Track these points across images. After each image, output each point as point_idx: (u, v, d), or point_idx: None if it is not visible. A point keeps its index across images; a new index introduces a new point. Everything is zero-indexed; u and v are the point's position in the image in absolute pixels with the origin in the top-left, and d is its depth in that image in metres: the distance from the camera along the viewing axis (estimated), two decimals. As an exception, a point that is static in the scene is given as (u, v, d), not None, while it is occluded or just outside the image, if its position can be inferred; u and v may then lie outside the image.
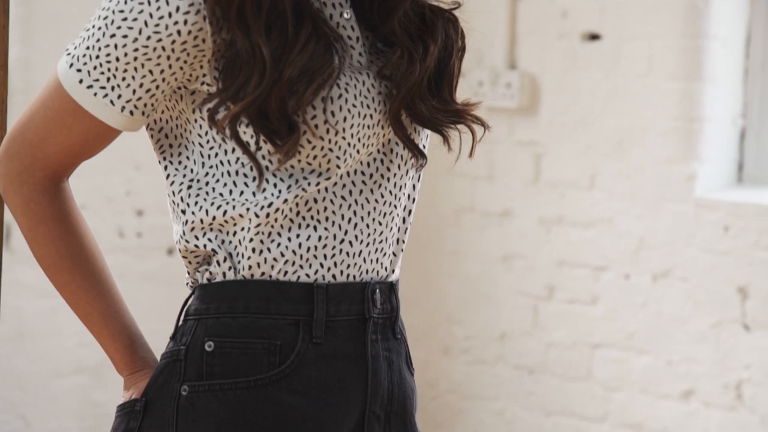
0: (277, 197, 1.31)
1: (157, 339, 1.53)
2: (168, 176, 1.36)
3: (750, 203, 3.16)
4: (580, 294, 3.42)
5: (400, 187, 1.40)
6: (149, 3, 1.26)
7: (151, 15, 1.26)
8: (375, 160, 1.37)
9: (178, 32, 1.26)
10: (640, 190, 3.30)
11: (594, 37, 3.37)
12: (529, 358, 3.52)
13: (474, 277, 3.59)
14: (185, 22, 1.26)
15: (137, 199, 3.31)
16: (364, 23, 1.38)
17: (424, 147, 1.41)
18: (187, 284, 1.40)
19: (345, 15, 1.35)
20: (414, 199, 1.44)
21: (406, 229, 1.44)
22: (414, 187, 1.43)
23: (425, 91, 1.36)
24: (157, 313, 2.78)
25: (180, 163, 1.36)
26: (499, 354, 3.57)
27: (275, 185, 1.31)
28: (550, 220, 3.46)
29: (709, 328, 3.20)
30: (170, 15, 1.26)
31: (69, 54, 1.32)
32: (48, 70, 3.19)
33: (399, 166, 1.40)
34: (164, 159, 1.37)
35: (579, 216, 3.40)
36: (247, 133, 1.29)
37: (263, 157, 1.30)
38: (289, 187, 1.31)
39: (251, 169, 1.32)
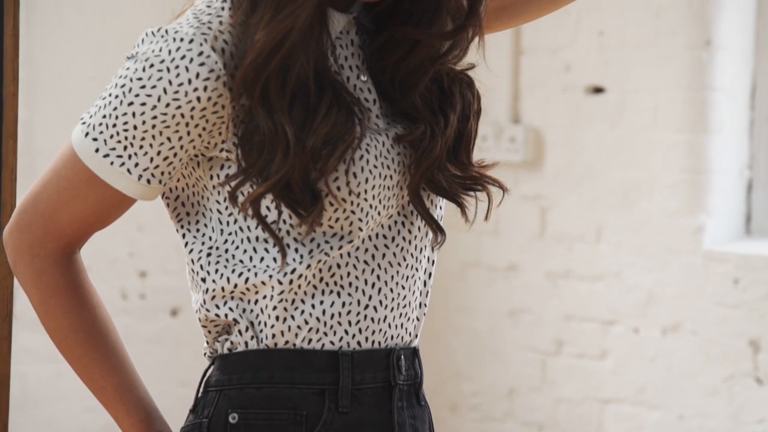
0: (300, 263, 1.29)
1: (162, 402, 1.49)
2: (186, 244, 1.34)
3: (759, 255, 3.14)
4: (588, 348, 3.38)
5: (421, 249, 1.38)
6: (168, 70, 1.24)
7: (170, 82, 1.24)
8: (396, 222, 1.35)
9: (198, 99, 1.24)
10: (648, 243, 3.28)
11: (598, 90, 3.37)
12: (539, 414, 3.48)
13: (481, 333, 3.56)
14: (205, 89, 1.24)
15: (140, 260, 3.29)
16: (379, 85, 1.36)
17: (441, 216, 1.39)
18: (205, 354, 1.37)
19: (362, 77, 1.34)
20: (434, 262, 1.42)
21: (428, 292, 1.42)
22: (433, 249, 1.41)
23: (444, 161, 1.34)
24: (161, 376, 2.75)
25: (198, 230, 1.33)
26: (508, 410, 3.53)
27: (297, 250, 1.29)
28: (557, 273, 3.43)
29: (721, 381, 3.17)
30: (190, 82, 1.24)
31: (84, 123, 1.29)
32: (52, 133, 3.18)
33: (419, 228, 1.38)
34: (182, 227, 1.35)
35: (586, 269, 3.38)
36: (266, 199, 1.27)
37: (284, 222, 1.28)
38: (311, 252, 1.29)
39: None
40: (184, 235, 1.35)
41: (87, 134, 1.28)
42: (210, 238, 1.32)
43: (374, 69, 1.34)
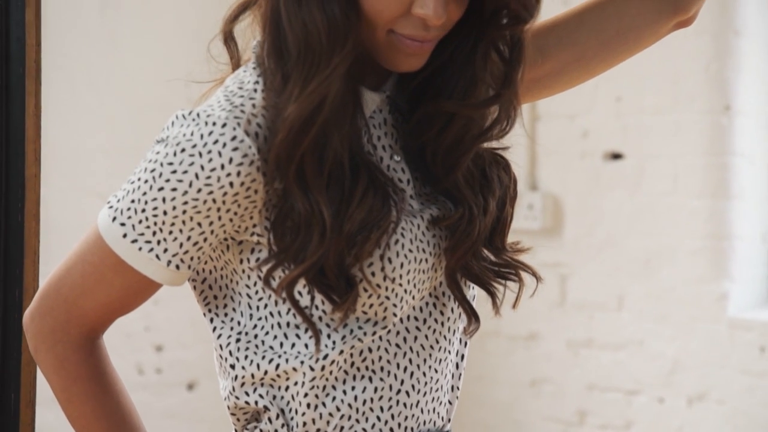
0: (332, 348, 1.25)
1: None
2: (214, 329, 1.30)
3: (785, 322, 3.10)
4: (612, 419, 3.33)
5: (454, 331, 1.35)
6: (200, 155, 1.20)
7: (202, 167, 1.20)
8: (428, 304, 1.32)
9: (231, 184, 1.21)
10: (671, 311, 3.23)
11: (616, 156, 3.34)
12: (562, 487, 3.42)
13: (502, 403, 3.50)
14: (238, 174, 1.20)
15: (156, 334, 3.26)
16: (412, 164, 1.33)
17: (474, 296, 1.36)
18: (233, 442, 1.32)
19: (395, 158, 1.31)
20: (466, 343, 1.38)
21: (460, 375, 1.38)
22: (466, 334, 1.37)
23: (479, 248, 1.31)
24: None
25: (227, 315, 1.30)
26: (531, 483, 3.47)
27: (329, 336, 1.25)
28: (579, 343, 3.39)
29: (749, 452, 3.12)
30: (222, 167, 1.20)
31: (111, 207, 1.26)
32: (67, 208, 3.16)
33: (452, 310, 1.34)
34: (209, 312, 1.31)
35: (608, 338, 3.33)
36: (299, 283, 1.24)
37: (317, 307, 1.24)
38: (343, 337, 1.25)
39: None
40: (212, 320, 1.31)
41: (114, 219, 1.25)
42: (239, 323, 1.29)
43: (411, 148, 1.31)
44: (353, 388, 1.27)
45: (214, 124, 1.21)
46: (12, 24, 1.58)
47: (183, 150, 1.21)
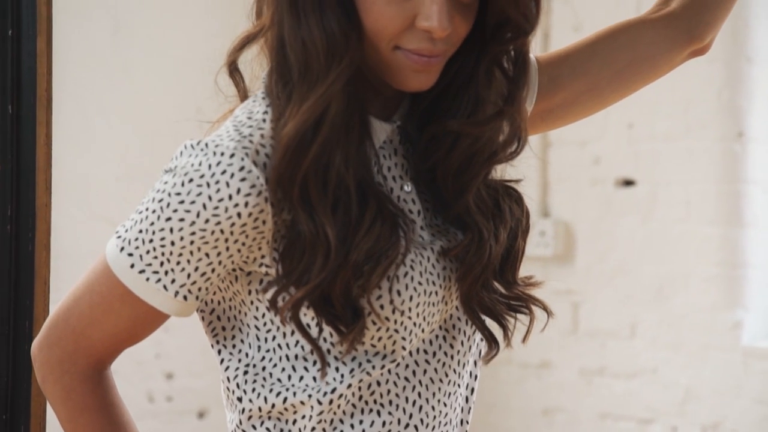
0: (341, 382, 1.24)
1: None
2: (222, 361, 1.29)
3: (799, 350, 3.07)
4: (625, 448, 3.31)
5: (464, 364, 1.34)
6: (208, 185, 1.20)
7: (210, 197, 1.20)
8: (438, 337, 1.31)
9: (238, 215, 1.20)
10: (684, 339, 3.22)
11: (628, 183, 3.33)
12: None
13: (514, 432, 3.48)
14: (246, 204, 1.20)
15: (167, 362, 3.25)
16: (423, 194, 1.32)
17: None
18: (240, 475, 1.31)
19: (405, 188, 1.29)
20: (476, 377, 1.37)
21: (470, 408, 1.36)
22: (476, 363, 1.36)
23: (489, 278, 1.29)
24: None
25: (234, 347, 1.29)
26: None
27: (337, 369, 1.24)
28: (591, 371, 3.37)
29: (764, 481, 3.09)
30: (230, 197, 1.19)
31: (119, 237, 1.25)
32: (78, 235, 3.16)
33: (462, 343, 1.33)
34: (217, 343, 1.30)
35: (621, 366, 3.31)
36: (307, 315, 1.22)
37: (324, 339, 1.23)
38: (352, 371, 1.24)
39: (311, 352, 1.25)
40: (219, 351, 1.30)
41: (122, 249, 1.24)
42: (247, 355, 1.28)
43: (421, 175, 1.30)
44: (361, 422, 1.26)
45: (222, 154, 1.20)
46: (23, 53, 1.58)
47: (191, 180, 1.20)
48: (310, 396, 1.24)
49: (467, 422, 1.36)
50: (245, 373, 1.27)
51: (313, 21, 1.20)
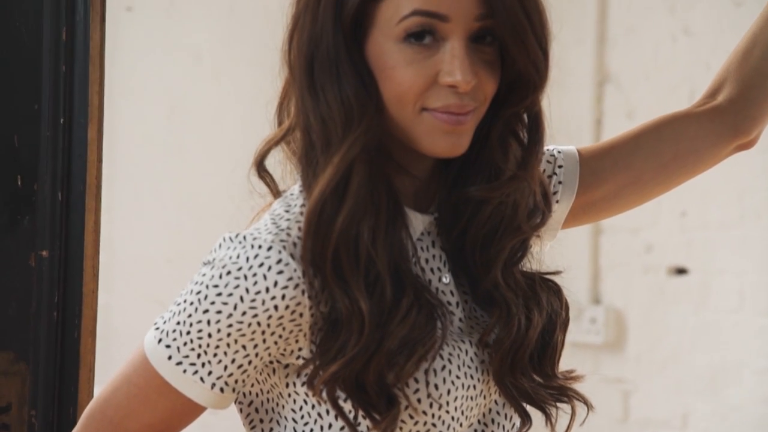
0: None
1: None
2: (259, 453, 1.29)
3: None
4: None
5: (503, 458, 1.32)
6: (245, 278, 1.20)
7: (247, 290, 1.20)
8: (475, 431, 1.29)
9: (275, 307, 1.20)
10: (737, 431, 3.15)
11: (681, 271, 3.30)
12: None
13: None
14: (283, 297, 1.20)
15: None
16: (461, 287, 1.31)
17: None
18: None
19: (444, 279, 1.29)
20: None
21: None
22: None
23: (527, 365, 1.28)
24: None
25: (272, 440, 1.28)
26: None
27: None
28: (642, 461, 3.31)
29: None
30: (268, 290, 1.20)
31: (158, 329, 1.26)
32: (129, 315, 3.17)
33: (501, 437, 1.31)
34: (254, 435, 1.30)
35: (673, 458, 3.26)
36: (346, 405, 1.22)
37: (359, 424, 1.22)
38: None
39: None
40: (257, 444, 1.30)
41: (160, 341, 1.25)
42: (284, 447, 1.27)
43: (455, 260, 1.30)
44: None
45: (260, 247, 1.21)
46: (75, 141, 1.60)
47: (229, 273, 1.21)
48: (345, 487, 1.23)
49: None
50: (282, 466, 1.27)
51: (330, 96, 1.21)
